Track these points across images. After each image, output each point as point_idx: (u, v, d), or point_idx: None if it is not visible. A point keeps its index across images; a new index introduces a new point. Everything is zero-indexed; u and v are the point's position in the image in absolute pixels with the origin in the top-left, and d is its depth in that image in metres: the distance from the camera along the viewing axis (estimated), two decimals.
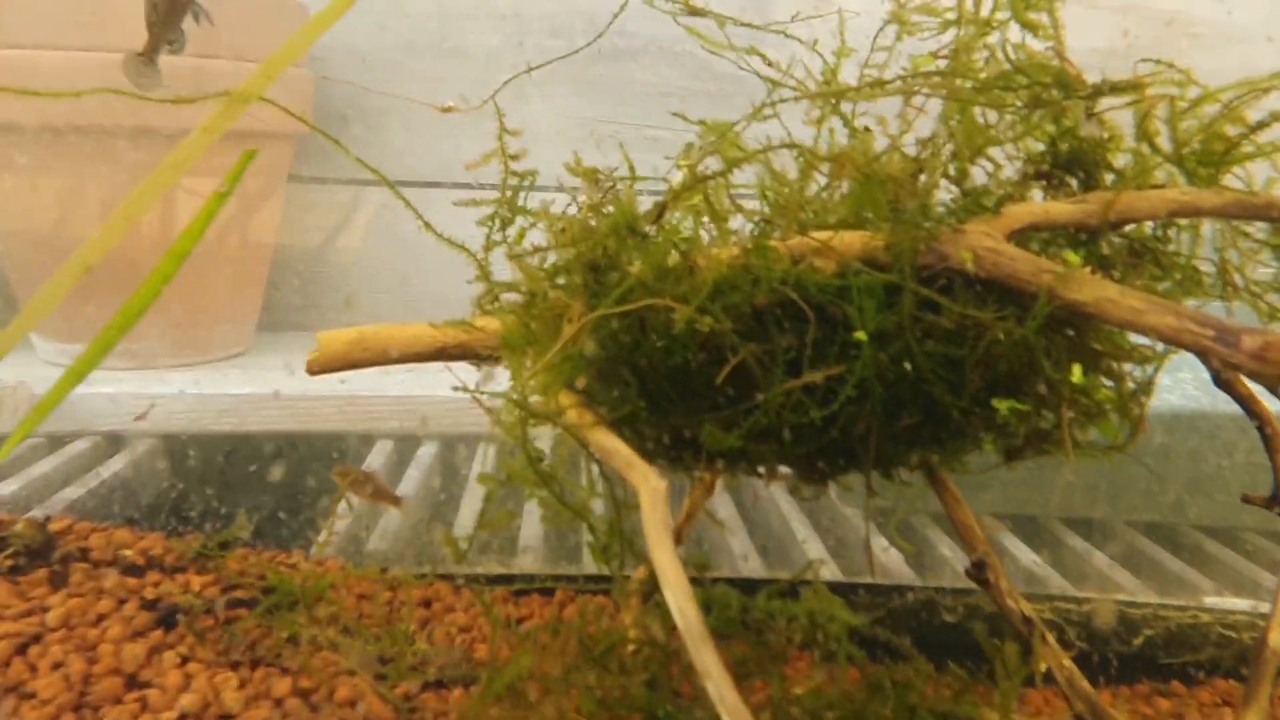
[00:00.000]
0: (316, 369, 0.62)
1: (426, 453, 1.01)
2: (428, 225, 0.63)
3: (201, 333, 1.13)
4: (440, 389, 1.05)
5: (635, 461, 0.41)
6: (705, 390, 0.46)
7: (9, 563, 0.55)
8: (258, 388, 1.01)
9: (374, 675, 0.51)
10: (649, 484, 0.40)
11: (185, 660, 0.48)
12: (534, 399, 0.48)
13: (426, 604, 0.61)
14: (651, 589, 0.59)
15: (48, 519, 0.59)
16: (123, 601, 0.52)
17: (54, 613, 0.49)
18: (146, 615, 0.51)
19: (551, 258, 0.50)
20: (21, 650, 0.47)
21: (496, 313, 0.61)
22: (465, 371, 0.56)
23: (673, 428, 0.46)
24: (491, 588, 0.64)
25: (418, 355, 0.60)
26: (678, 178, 0.55)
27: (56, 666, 0.46)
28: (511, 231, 0.66)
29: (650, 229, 0.48)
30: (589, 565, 0.79)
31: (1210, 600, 0.67)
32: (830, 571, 0.79)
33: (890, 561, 0.81)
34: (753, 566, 0.81)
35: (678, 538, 0.59)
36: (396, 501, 0.80)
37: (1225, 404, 0.52)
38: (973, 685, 0.47)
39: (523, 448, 0.44)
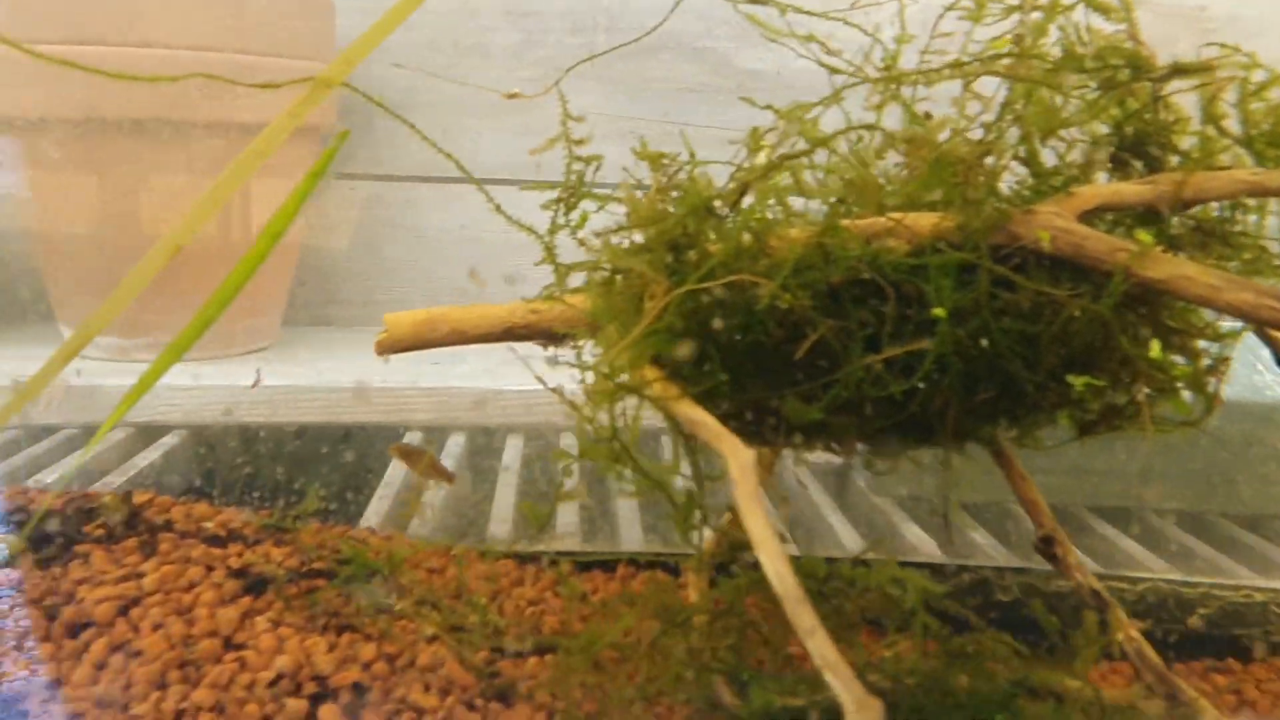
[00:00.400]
0: (385, 350, 0.63)
1: (455, 443, 1.03)
2: (501, 211, 0.65)
3: (230, 327, 1.15)
4: (465, 380, 1.06)
5: (723, 433, 0.42)
6: (783, 365, 0.47)
7: (100, 531, 0.57)
8: (288, 380, 1.03)
9: (455, 642, 0.53)
10: (738, 455, 0.41)
11: (276, 625, 0.50)
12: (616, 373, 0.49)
13: (494, 579, 0.62)
14: (722, 561, 0.60)
15: (130, 493, 0.61)
16: (210, 569, 0.54)
17: (149, 578, 0.51)
18: (234, 583, 0.53)
19: (624, 238, 0.52)
20: (124, 611, 0.49)
21: (562, 294, 0.63)
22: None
23: (752, 401, 0.47)
24: (555, 564, 0.65)
25: (485, 335, 0.62)
26: (748, 161, 0.56)
27: (157, 627, 0.48)
28: (567, 214, 0.67)
29: (727, 209, 0.49)
30: (626, 545, 0.80)
31: (1263, 581, 0.68)
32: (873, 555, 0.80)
33: (922, 545, 0.82)
34: (790, 549, 0.82)
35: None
36: (450, 478, 0.81)
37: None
38: (1043, 658, 0.48)
39: (609, 421, 0.45)
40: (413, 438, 1.04)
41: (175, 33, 1.01)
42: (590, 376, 0.46)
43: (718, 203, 0.49)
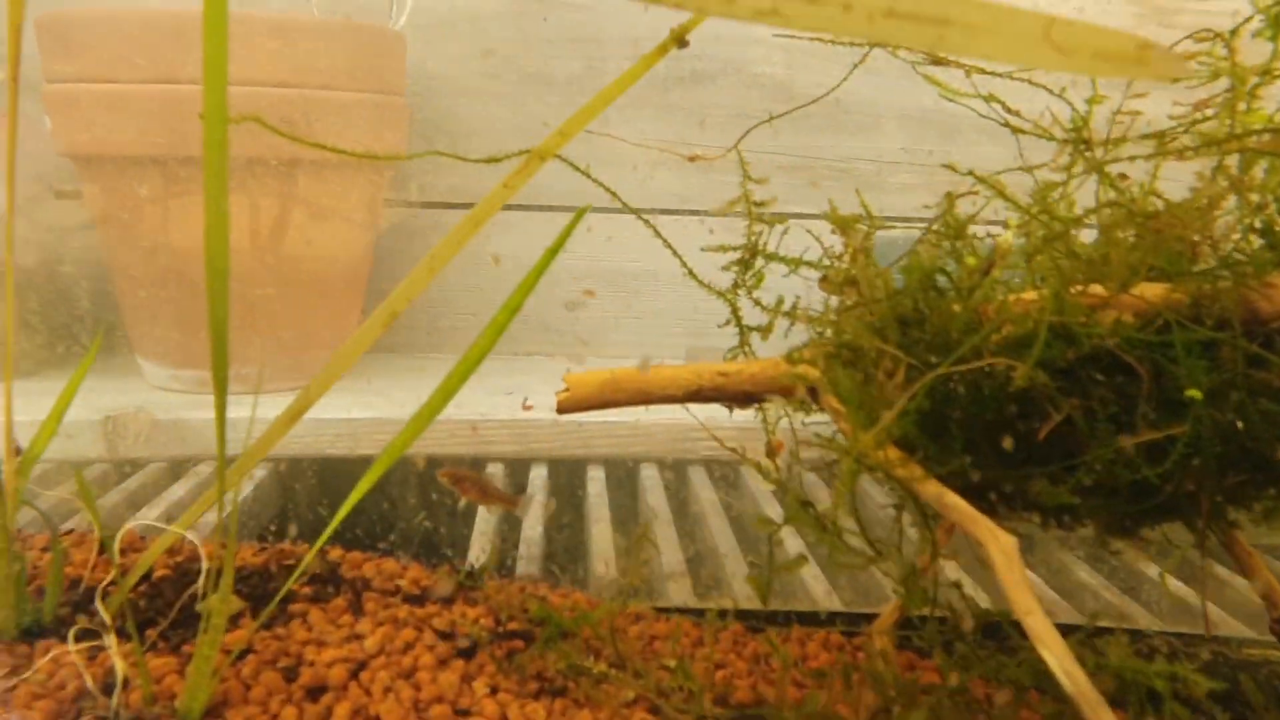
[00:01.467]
0: (567, 409, 0.64)
1: (538, 475, 1.02)
2: (670, 246, 0.65)
3: (305, 357, 1.17)
4: (545, 412, 1.05)
5: (978, 518, 0.42)
6: (1015, 443, 0.47)
7: (308, 590, 0.58)
8: (370, 412, 1.04)
9: (652, 708, 0.53)
10: (998, 541, 0.41)
11: (494, 690, 0.51)
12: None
13: (675, 638, 0.62)
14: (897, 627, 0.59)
15: (326, 550, 0.63)
16: (420, 631, 0.55)
17: (370, 640, 0.53)
18: (445, 645, 0.54)
19: (847, 308, 0.52)
20: (354, 675, 0.50)
21: (746, 356, 0.63)
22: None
23: (989, 479, 0.47)
24: (726, 623, 0.65)
25: (670, 397, 0.63)
26: (938, 222, 0.56)
27: (387, 691, 0.49)
28: (745, 274, 0.67)
29: (963, 289, 0.49)
30: (742, 598, 0.78)
31: None
32: (984, 598, 0.77)
33: (1043, 596, 0.79)
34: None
35: (925, 573, 0.60)
36: (511, 502, 0.75)
37: None
38: None
39: (846, 497, 0.45)
40: (494, 469, 1.04)
41: (261, 71, 1.03)
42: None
43: (940, 278, 0.49)
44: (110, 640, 0.48)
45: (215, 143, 0.42)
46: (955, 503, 0.43)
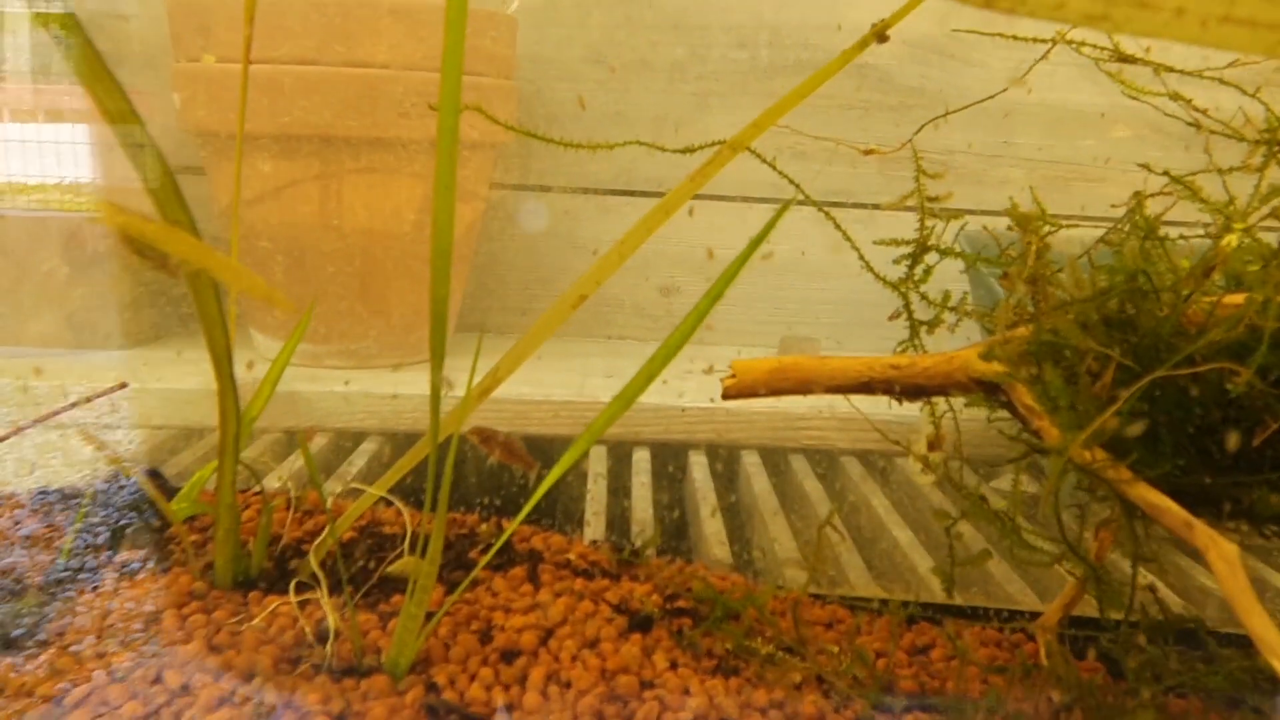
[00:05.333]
0: (733, 394, 0.65)
1: (641, 458, 1.03)
2: (844, 232, 0.66)
3: (412, 335, 1.20)
4: (647, 396, 1.04)
5: (1195, 523, 0.42)
6: (1219, 447, 0.46)
7: (484, 559, 0.61)
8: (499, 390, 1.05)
9: (823, 691, 0.54)
10: (1219, 548, 0.41)
11: (674, 665, 0.53)
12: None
13: (829, 625, 0.63)
14: (1061, 627, 0.59)
15: (500, 521, 0.66)
16: (596, 604, 0.57)
17: (553, 609, 0.55)
18: (621, 618, 0.56)
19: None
20: (544, 642, 0.52)
21: (918, 350, 0.63)
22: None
23: (1195, 485, 0.46)
24: (879, 612, 0.66)
25: (839, 387, 0.63)
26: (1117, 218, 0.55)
27: (574, 659, 0.51)
28: (912, 267, 0.67)
29: (1180, 290, 0.49)
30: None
31: None
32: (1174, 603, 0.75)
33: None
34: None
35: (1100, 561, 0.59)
36: (530, 463, 0.77)
37: None
38: None
39: (1052, 496, 0.46)
40: (597, 452, 1.05)
41: (382, 53, 1.05)
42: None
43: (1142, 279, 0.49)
44: (323, 595, 0.51)
45: (448, 130, 0.44)
46: (1170, 507, 0.42)
